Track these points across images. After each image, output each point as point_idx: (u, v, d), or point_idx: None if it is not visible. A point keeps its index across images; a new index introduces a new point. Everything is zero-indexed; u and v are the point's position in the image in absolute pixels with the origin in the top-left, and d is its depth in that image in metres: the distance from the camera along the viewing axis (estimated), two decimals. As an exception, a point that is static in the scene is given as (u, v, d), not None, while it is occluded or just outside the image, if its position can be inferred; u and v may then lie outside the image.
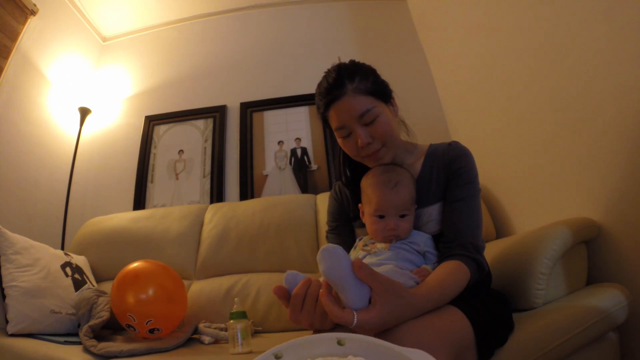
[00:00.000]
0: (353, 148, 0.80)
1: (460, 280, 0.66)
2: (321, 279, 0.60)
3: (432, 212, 0.79)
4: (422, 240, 0.76)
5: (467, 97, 1.71)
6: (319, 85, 0.82)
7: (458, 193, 0.77)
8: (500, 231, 1.43)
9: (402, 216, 0.75)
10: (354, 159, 0.84)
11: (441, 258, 0.73)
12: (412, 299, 0.57)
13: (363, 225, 0.82)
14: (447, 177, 0.80)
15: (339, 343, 0.41)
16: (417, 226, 0.80)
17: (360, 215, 0.82)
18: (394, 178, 0.76)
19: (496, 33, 1.35)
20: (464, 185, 0.77)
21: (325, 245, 0.54)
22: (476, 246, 0.72)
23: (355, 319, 0.50)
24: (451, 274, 0.66)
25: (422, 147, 0.90)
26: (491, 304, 0.71)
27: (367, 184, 0.79)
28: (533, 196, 1.24)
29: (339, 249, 0.53)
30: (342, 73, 0.77)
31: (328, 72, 0.81)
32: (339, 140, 0.82)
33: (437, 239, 0.78)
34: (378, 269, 0.69)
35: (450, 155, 0.81)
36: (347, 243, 0.88)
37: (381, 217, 0.75)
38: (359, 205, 0.83)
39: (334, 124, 0.80)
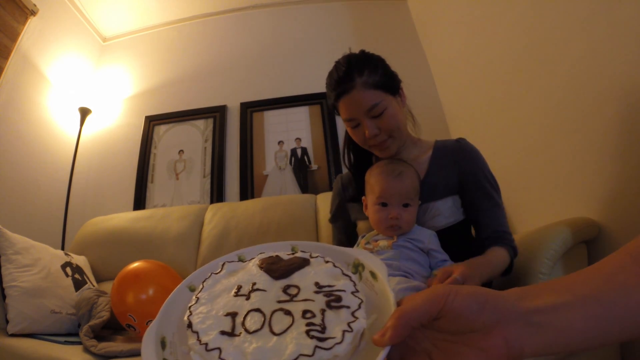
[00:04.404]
0: (361, 137, 0.82)
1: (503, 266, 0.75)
2: None
3: (441, 206, 0.80)
4: (426, 236, 0.74)
5: (467, 96, 1.71)
6: (329, 75, 0.84)
7: (487, 203, 0.81)
8: (500, 231, 1.43)
9: (405, 206, 0.75)
10: (362, 146, 0.86)
11: (487, 243, 0.78)
12: None
13: (367, 218, 0.83)
14: (459, 175, 0.82)
15: (293, 249, 0.47)
16: (424, 220, 0.80)
17: (364, 208, 0.83)
18: (398, 168, 0.77)
19: (496, 33, 1.35)
20: (489, 193, 0.81)
21: None
22: (511, 234, 0.81)
23: None
24: (502, 261, 0.74)
25: (426, 142, 0.91)
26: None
27: (371, 175, 0.80)
28: (533, 196, 1.24)
29: None
30: (351, 66, 0.79)
31: (338, 63, 0.83)
32: (349, 129, 0.85)
33: (443, 234, 0.78)
34: None
35: (461, 153, 0.84)
36: (347, 234, 0.93)
37: (384, 205, 0.75)
38: (362, 198, 0.83)
39: (343, 115, 0.82)
